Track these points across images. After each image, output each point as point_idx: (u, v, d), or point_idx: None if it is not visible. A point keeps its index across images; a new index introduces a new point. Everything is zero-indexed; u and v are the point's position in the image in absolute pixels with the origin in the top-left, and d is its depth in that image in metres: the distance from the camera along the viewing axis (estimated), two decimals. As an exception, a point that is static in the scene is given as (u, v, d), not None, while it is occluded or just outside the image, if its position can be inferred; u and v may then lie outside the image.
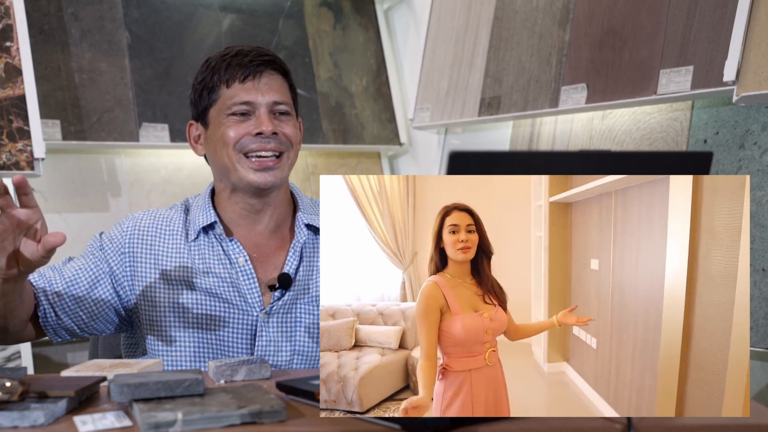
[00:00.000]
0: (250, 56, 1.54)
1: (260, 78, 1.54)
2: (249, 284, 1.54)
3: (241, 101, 1.53)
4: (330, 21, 2.97)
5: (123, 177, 2.55)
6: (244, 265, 1.55)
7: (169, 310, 1.54)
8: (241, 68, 1.53)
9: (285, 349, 1.54)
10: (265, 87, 1.54)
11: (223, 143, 1.53)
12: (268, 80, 1.55)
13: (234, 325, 1.54)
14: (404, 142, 3.00)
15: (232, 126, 1.53)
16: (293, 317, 1.56)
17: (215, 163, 1.58)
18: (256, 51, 1.56)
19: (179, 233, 1.58)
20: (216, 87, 1.55)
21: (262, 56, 1.56)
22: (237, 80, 1.53)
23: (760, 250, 1.85)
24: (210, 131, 1.56)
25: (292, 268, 1.56)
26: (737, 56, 1.85)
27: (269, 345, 1.54)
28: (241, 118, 1.53)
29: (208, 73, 1.56)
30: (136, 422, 1.04)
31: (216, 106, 1.55)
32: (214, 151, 1.56)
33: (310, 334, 1.56)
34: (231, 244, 1.56)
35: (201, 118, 1.58)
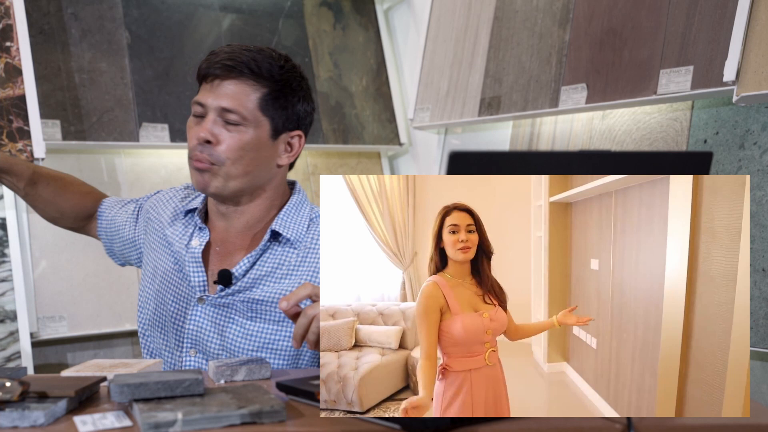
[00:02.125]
0: (219, 57, 1.51)
1: (222, 81, 1.50)
2: (194, 267, 1.57)
3: (196, 101, 1.53)
4: (330, 21, 2.97)
5: (123, 177, 2.55)
6: (195, 249, 1.58)
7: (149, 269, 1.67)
8: (208, 67, 1.51)
9: (213, 341, 1.54)
10: (221, 91, 1.50)
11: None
12: (231, 85, 1.50)
13: (176, 301, 1.59)
14: (404, 142, 3.00)
15: (190, 127, 1.54)
16: (226, 312, 1.55)
17: None
18: (231, 53, 1.50)
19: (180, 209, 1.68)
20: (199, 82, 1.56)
21: (227, 60, 1.50)
22: (204, 80, 1.53)
23: (760, 250, 1.85)
24: None
25: (241, 269, 1.55)
26: (737, 56, 1.85)
27: (199, 331, 1.55)
28: (196, 119, 1.53)
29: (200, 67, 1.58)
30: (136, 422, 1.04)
31: None
32: None
33: (244, 335, 1.54)
34: (198, 231, 1.62)
35: None
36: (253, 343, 1.53)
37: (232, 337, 1.54)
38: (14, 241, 2.28)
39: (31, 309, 2.30)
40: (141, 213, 1.75)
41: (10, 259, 2.27)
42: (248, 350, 1.54)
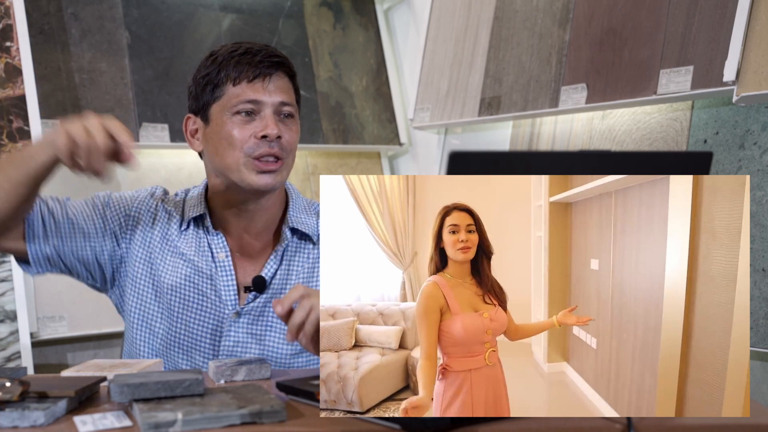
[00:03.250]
0: (260, 56, 1.51)
1: (269, 79, 1.51)
2: (226, 281, 1.54)
3: (247, 99, 1.49)
4: (330, 21, 2.97)
5: (123, 177, 2.55)
6: (224, 261, 1.55)
7: (149, 290, 1.56)
8: (251, 67, 1.50)
9: (252, 351, 1.53)
10: (272, 87, 1.51)
11: (228, 144, 1.50)
12: (277, 81, 1.52)
13: (204, 318, 1.54)
14: (404, 142, 3.00)
15: (236, 126, 1.49)
16: (264, 320, 1.54)
17: (214, 160, 1.55)
18: (266, 51, 1.53)
19: (176, 220, 1.59)
20: (221, 83, 1.51)
21: (272, 57, 1.52)
22: (245, 79, 1.50)
23: (760, 250, 1.85)
24: (211, 128, 1.53)
25: (270, 272, 1.55)
26: (737, 56, 1.85)
27: (236, 346, 1.53)
28: (246, 118, 1.50)
29: (213, 68, 1.53)
30: (136, 422, 1.04)
31: (219, 103, 1.51)
32: (215, 149, 1.53)
33: (283, 338, 1.53)
34: (215, 238, 1.56)
35: (201, 112, 1.55)
36: (294, 346, 1.53)
37: (272, 344, 1.53)
38: (14, 241, 2.28)
39: (31, 309, 2.30)
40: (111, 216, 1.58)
41: (10, 259, 2.27)
42: (289, 354, 1.53)
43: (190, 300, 1.55)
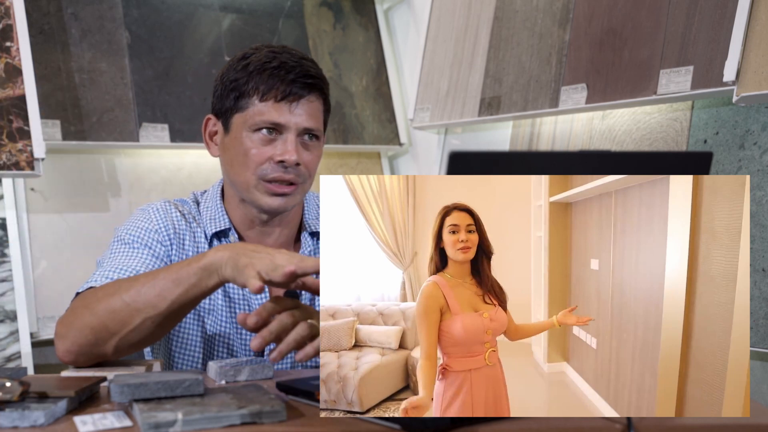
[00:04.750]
0: (293, 73, 1.43)
1: (297, 103, 1.44)
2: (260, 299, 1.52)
3: (271, 121, 1.43)
4: (330, 21, 2.97)
5: (123, 177, 2.55)
6: None
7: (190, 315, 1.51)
8: (282, 84, 1.43)
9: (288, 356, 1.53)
10: (300, 111, 1.44)
11: (243, 161, 1.45)
12: (305, 105, 1.45)
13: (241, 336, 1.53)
14: (404, 142, 3.00)
15: (255, 144, 1.44)
16: None
17: (229, 172, 1.50)
18: (301, 68, 1.44)
19: (201, 238, 1.53)
20: (247, 94, 1.44)
21: (306, 77, 1.44)
22: (273, 98, 1.43)
23: (760, 250, 1.85)
24: (230, 138, 1.48)
25: None
26: (737, 56, 1.85)
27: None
28: (266, 137, 1.44)
29: (243, 75, 1.45)
30: (136, 422, 1.04)
31: (242, 115, 1.45)
32: (230, 162, 1.48)
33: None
34: None
35: (223, 117, 1.49)
36: None
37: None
38: (14, 241, 2.28)
39: (31, 309, 2.30)
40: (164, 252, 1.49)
41: (10, 259, 2.27)
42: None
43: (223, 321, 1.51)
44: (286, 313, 1.16)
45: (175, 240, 1.50)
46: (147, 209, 1.52)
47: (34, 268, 2.35)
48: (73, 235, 2.43)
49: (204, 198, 1.58)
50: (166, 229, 1.49)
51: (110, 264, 1.44)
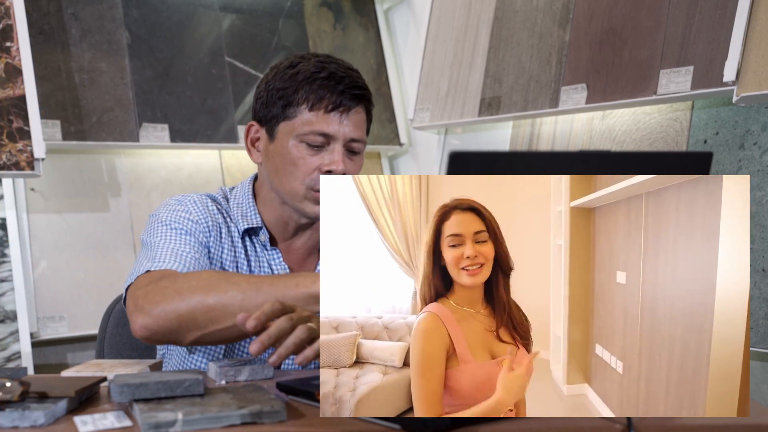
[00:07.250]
0: (342, 84, 1.44)
1: (346, 114, 1.45)
2: None
3: (319, 132, 1.44)
4: (330, 21, 2.97)
5: (123, 177, 2.55)
6: None
7: None
8: (332, 95, 1.44)
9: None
10: (348, 122, 1.45)
11: (291, 170, 1.45)
12: (354, 116, 1.46)
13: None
14: (404, 143, 3.00)
15: (303, 155, 1.45)
16: None
17: (274, 180, 1.50)
18: (350, 79, 1.45)
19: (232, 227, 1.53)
20: (296, 104, 1.45)
21: (355, 88, 1.45)
22: (322, 108, 1.44)
23: (760, 250, 1.85)
24: (275, 146, 1.48)
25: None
26: (737, 56, 1.85)
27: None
28: (313, 147, 1.45)
29: (291, 85, 1.45)
30: (136, 422, 1.04)
31: (289, 124, 1.46)
32: (275, 170, 1.48)
33: None
34: (273, 253, 1.53)
35: (267, 124, 1.49)
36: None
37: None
38: (14, 241, 2.28)
39: (31, 309, 2.30)
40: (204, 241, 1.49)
41: (10, 259, 2.27)
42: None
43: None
44: (284, 317, 1.16)
45: (213, 232, 1.50)
46: (183, 200, 1.51)
47: (34, 268, 2.35)
48: (73, 235, 2.43)
49: (233, 194, 1.58)
50: (205, 221, 1.49)
51: (164, 248, 1.42)
